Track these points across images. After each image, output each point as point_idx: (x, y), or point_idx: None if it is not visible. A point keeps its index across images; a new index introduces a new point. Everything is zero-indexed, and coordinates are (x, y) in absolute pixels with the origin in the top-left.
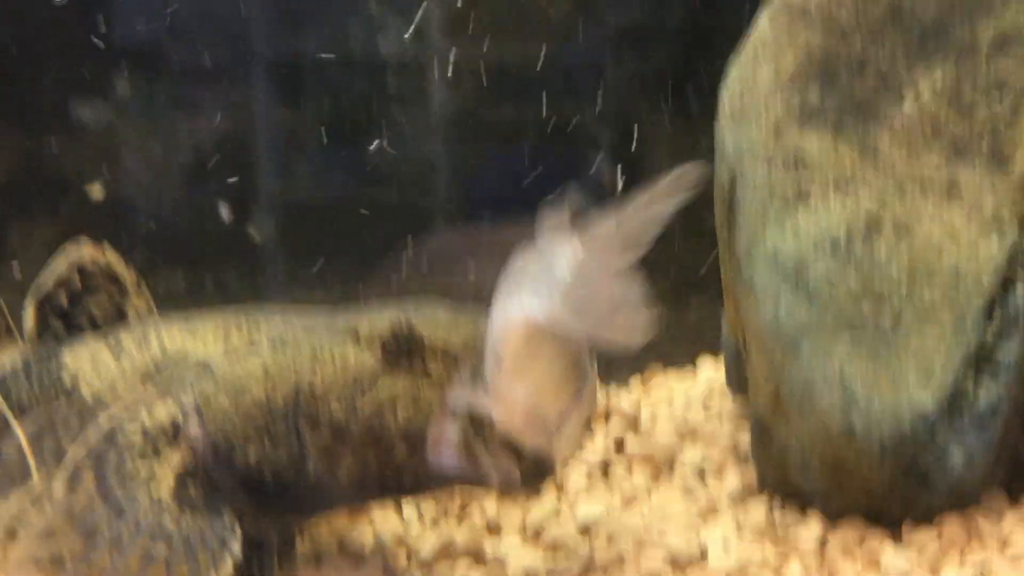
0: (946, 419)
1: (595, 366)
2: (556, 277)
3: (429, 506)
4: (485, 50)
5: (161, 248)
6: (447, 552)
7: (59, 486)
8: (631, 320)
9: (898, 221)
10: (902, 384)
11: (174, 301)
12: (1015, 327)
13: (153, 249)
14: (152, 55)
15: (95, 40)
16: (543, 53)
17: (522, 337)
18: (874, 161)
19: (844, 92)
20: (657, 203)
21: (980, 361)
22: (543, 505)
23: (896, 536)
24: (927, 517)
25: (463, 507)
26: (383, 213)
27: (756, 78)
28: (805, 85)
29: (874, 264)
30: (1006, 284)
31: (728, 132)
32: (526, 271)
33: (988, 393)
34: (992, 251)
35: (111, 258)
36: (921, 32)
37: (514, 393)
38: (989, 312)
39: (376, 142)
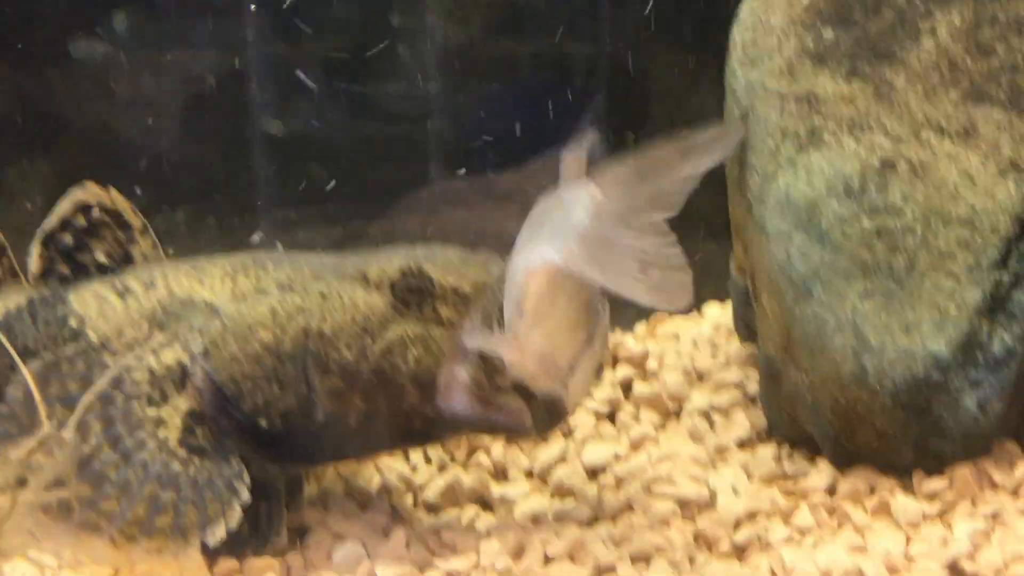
0: (959, 364)
1: (607, 310)
2: (574, 223)
3: (436, 451)
4: None
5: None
6: (454, 496)
7: (69, 432)
8: (666, 280)
9: (913, 163)
10: (915, 328)
11: (177, 241)
12: None
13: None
14: None
15: None
16: None
17: (542, 285)
18: (889, 102)
19: (859, 31)
20: (690, 161)
21: (995, 306)
22: (550, 450)
23: (907, 484)
24: (939, 464)
25: (470, 452)
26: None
27: (769, 15)
28: (819, 23)
29: (888, 207)
30: (1023, 228)
31: (740, 69)
32: (545, 217)
33: (1002, 339)
34: (1009, 195)
35: (118, 201)
36: None
37: (529, 337)
38: (1005, 257)
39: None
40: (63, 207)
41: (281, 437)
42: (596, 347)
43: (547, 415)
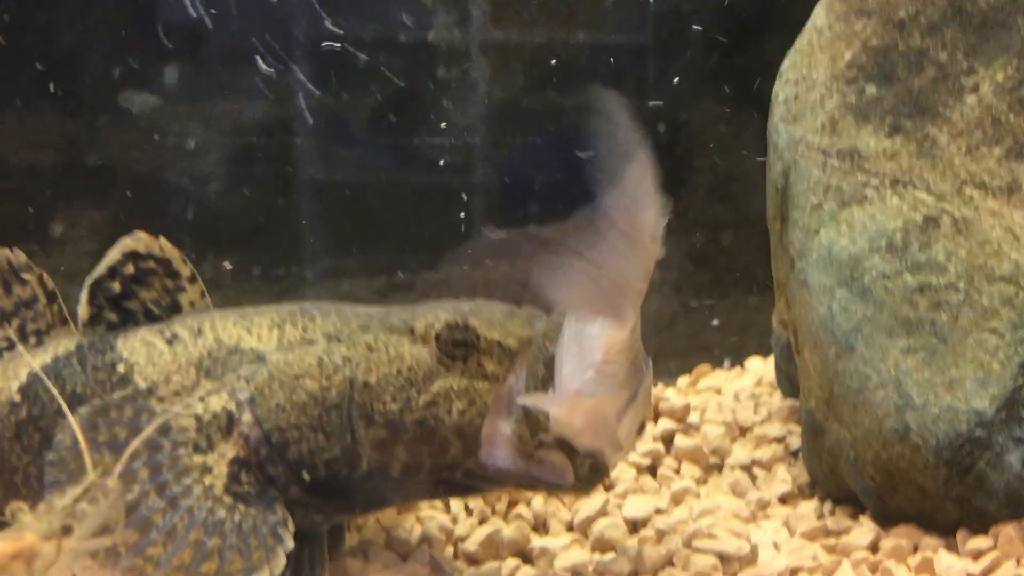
0: (1003, 422)
1: (651, 367)
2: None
3: (477, 502)
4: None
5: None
6: (494, 547)
7: (114, 480)
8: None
9: (956, 220)
10: (958, 385)
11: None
12: None
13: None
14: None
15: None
16: (585, 39)
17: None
18: (932, 158)
19: (901, 87)
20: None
21: None
22: (591, 503)
23: (951, 543)
24: (982, 523)
25: (511, 504)
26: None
27: (812, 71)
28: (862, 79)
29: (931, 263)
30: None
31: (782, 125)
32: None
33: None
34: None
35: (167, 250)
36: (982, 25)
37: (576, 391)
38: None
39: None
40: (112, 255)
41: (325, 486)
42: (640, 403)
43: (589, 471)
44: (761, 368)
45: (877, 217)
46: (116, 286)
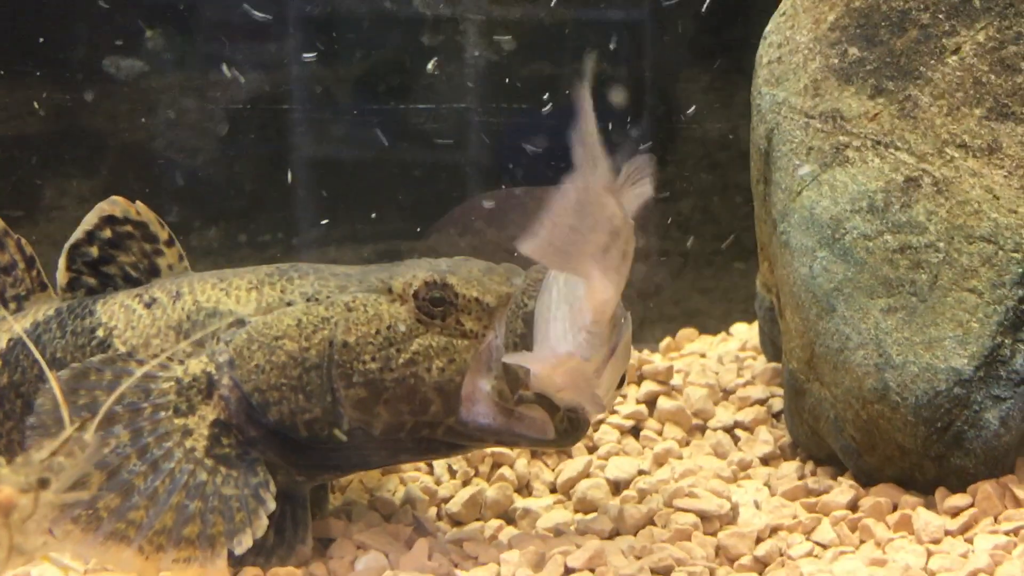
0: (981, 380)
1: (629, 324)
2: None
3: (460, 464)
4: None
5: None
6: (477, 508)
7: (90, 434)
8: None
9: (937, 180)
10: (938, 344)
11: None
12: None
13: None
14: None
15: None
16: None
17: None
18: (913, 119)
19: (884, 49)
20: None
21: (1018, 322)
22: (574, 464)
23: (930, 501)
24: (961, 481)
25: (495, 466)
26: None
27: (795, 32)
28: (844, 41)
29: (912, 224)
30: None
31: (766, 87)
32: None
33: None
34: None
35: (144, 213)
36: None
37: (559, 349)
38: None
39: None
40: (89, 219)
41: (306, 446)
42: (619, 359)
43: (570, 426)
44: (746, 333)
45: (859, 178)
46: (94, 251)
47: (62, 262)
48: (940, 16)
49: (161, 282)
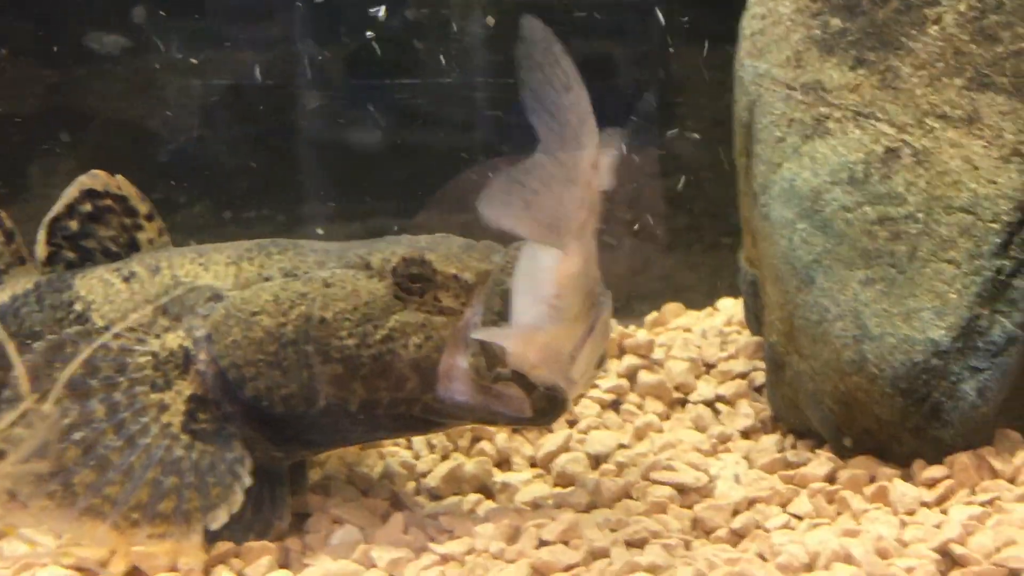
0: (959, 351)
1: (609, 300)
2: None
3: (439, 439)
4: None
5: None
6: (456, 483)
7: (50, 404)
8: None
9: (917, 151)
10: (915, 315)
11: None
12: None
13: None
14: None
15: None
16: None
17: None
18: (894, 90)
19: (866, 19)
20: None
21: (996, 293)
22: (554, 438)
23: (907, 473)
24: (939, 452)
25: (474, 440)
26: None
27: (778, 4)
28: (827, 11)
29: (891, 195)
30: None
31: (748, 59)
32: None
33: (1003, 325)
34: (1011, 181)
35: (124, 187)
36: None
37: (530, 325)
38: (1006, 244)
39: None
40: (69, 193)
41: (283, 422)
42: (598, 337)
43: (548, 404)
44: (732, 308)
45: (839, 150)
46: (74, 225)
47: (42, 235)
48: None
49: (140, 256)
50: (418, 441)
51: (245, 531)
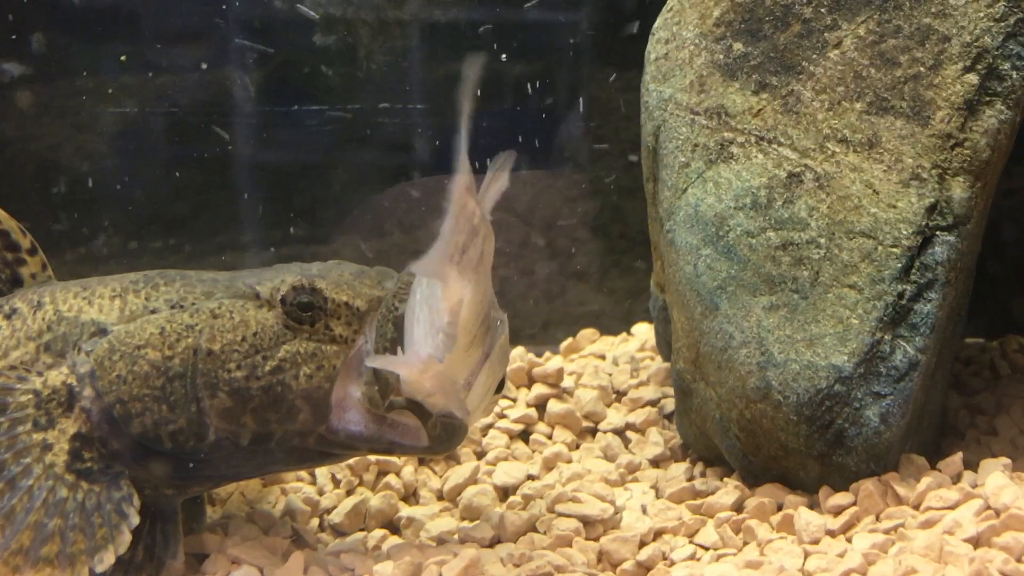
0: (862, 377)
1: (506, 326)
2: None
3: (344, 473)
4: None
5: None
6: (360, 518)
7: None
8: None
9: (819, 175)
10: (818, 341)
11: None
12: (934, 283)
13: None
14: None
15: None
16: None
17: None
18: (796, 114)
19: (768, 43)
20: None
21: (897, 318)
22: (461, 470)
23: (814, 500)
24: (845, 479)
25: (380, 474)
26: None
27: (682, 28)
28: (730, 36)
29: (794, 219)
30: (925, 240)
31: (653, 84)
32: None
33: (905, 350)
34: (911, 205)
35: (5, 221)
36: None
37: (424, 353)
38: (908, 268)
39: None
40: None
41: (173, 458)
42: (494, 362)
43: (445, 432)
44: (647, 333)
45: (743, 175)
46: None
47: None
48: (822, 10)
49: (23, 292)
50: (322, 475)
51: (136, 572)
